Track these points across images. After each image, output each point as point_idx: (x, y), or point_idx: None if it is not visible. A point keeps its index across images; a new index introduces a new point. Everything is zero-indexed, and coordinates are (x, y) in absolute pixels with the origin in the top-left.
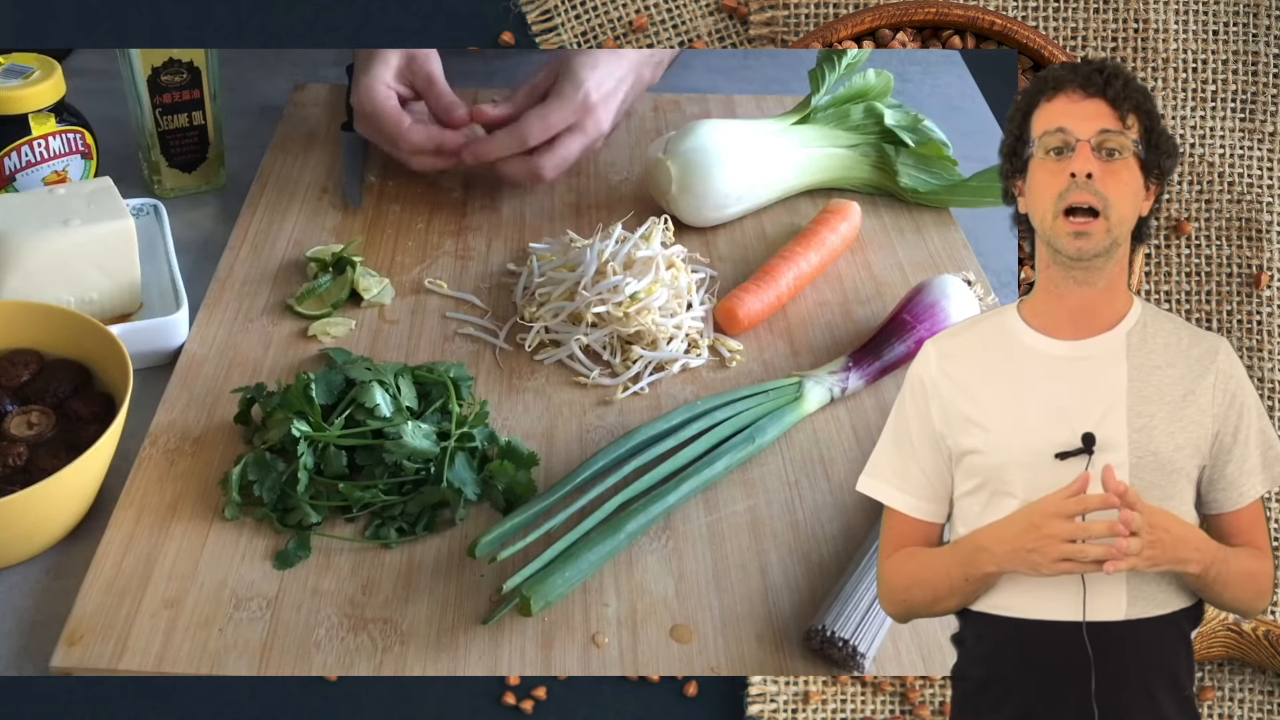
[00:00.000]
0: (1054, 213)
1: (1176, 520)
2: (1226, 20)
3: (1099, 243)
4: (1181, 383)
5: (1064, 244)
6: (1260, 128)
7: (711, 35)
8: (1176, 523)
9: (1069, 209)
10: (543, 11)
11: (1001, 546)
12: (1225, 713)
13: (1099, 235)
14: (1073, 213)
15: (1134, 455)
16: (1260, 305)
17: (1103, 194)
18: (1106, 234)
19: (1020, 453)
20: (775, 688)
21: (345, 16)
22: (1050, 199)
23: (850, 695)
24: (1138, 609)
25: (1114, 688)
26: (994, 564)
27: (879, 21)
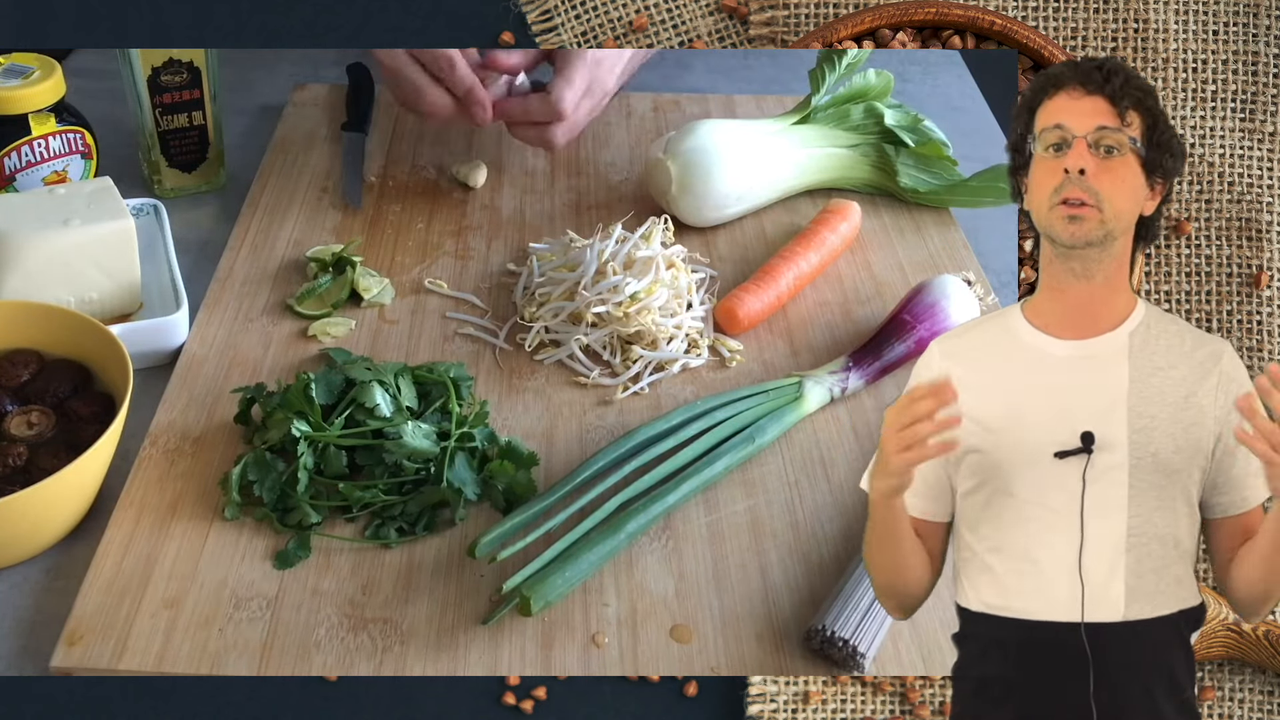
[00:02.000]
0: (1049, 204)
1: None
2: (1226, 20)
3: (1092, 229)
4: (1184, 385)
5: (1058, 230)
6: (1260, 128)
7: (711, 35)
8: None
9: (1063, 200)
10: (543, 11)
11: (876, 467)
12: (1225, 713)
13: (1092, 222)
14: (1066, 202)
15: (1134, 456)
16: (1260, 305)
17: (1095, 190)
18: (1100, 224)
19: (1021, 451)
20: (775, 688)
21: (345, 16)
22: (1046, 193)
23: (850, 695)
24: (1136, 610)
25: (1112, 688)
26: (878, 482)
27: (879, 21)
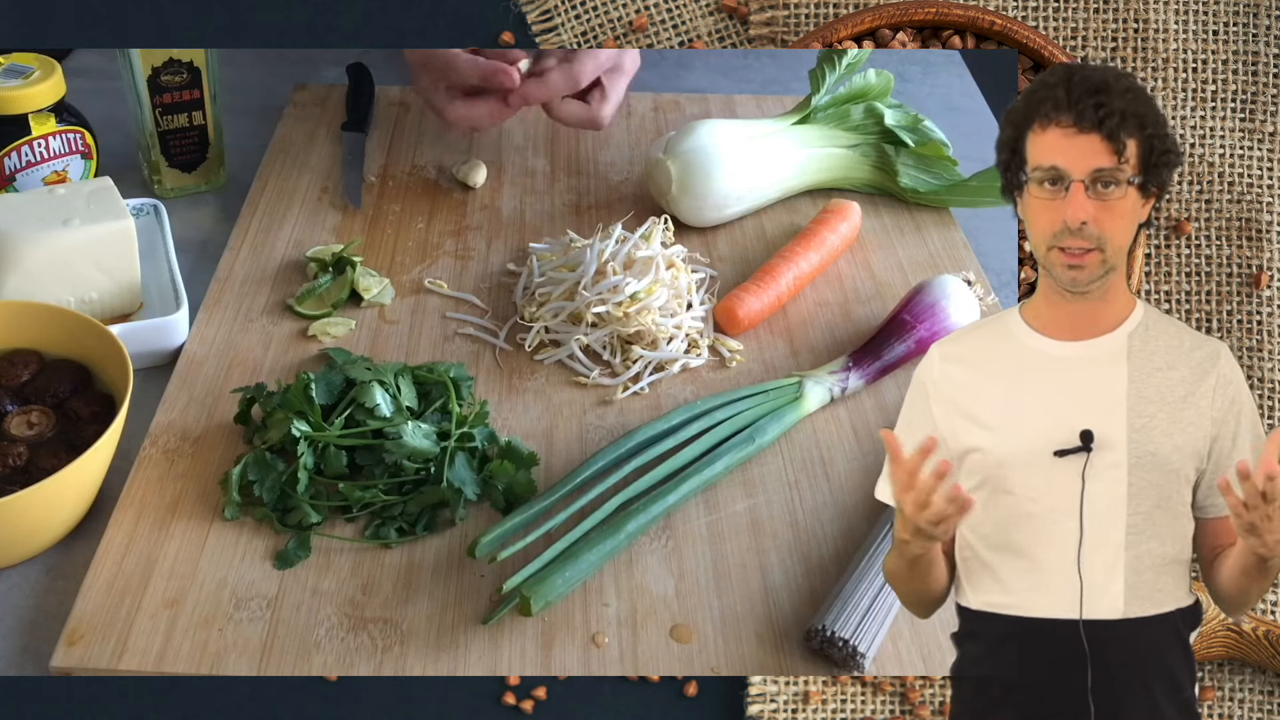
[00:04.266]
0: (1047, 245)
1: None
2: (1226, 20)
3: (1093, 273)
4: (1182, 385)
5: (1059, 274)
6: (1260, 128)
7: (711, 35)
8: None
9: (1062, 248)
10: (543, 11)
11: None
12: (1225, 713)
13: (1094, 266)
14: (1066, 250)
15: (1133, 455)
16: (1260, 305)
17: (1097, 234)
18: (1102, 264)
19: (1020, 451)
20: (775, 688)
21: (345, 16)
22: (1045, 234)
23: (850, 695)
24: (1135, 608)
25: (1111, 686)
26: (899, 532)
27: (879, 21)
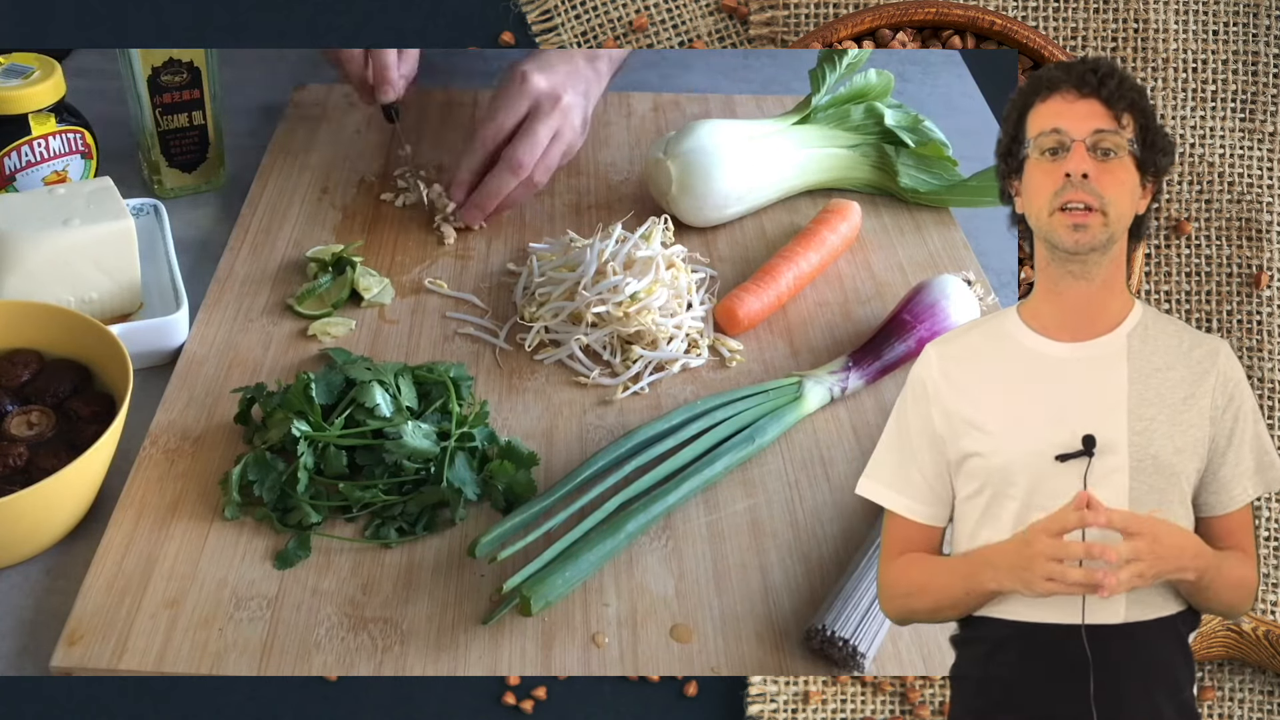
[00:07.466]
0: (1050, 209)
1: (1172, 529)
2: (1226, 20)
3: (1096, 235)
4: (1182, 385)
5: (1061, 237)
6: (1260, 128)
7: (711, 35)
8: (1172, 531)
9: (1065, 205)
10: (543, 11)
11: (1003, 561)
12: (1225, 713)
13: (1096, 228)
14: (1069, 208)
15: (1134, 458)
16: (1260, 305)
17: (1099, 192)
18: (1104, 228)
19: (1021, 455)
20: (775, 688)
21: (345, 16)
22: (1046, 197)
23: (850, 695)
24: (1136, 612)
25: (1113, 689)
26: (994, 581)
27: (879, 21)
